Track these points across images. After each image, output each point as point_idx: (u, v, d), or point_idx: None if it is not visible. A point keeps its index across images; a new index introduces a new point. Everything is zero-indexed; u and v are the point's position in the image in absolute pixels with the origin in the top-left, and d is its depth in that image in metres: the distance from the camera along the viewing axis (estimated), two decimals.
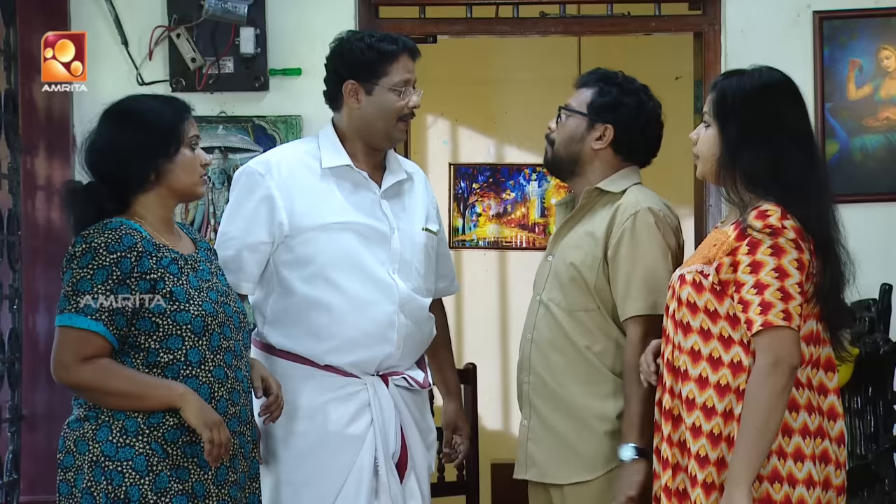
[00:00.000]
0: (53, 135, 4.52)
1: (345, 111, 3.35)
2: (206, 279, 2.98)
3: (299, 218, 3.27)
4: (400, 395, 3.34)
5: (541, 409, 3.29)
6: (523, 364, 3.36)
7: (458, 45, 5.75)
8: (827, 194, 2.80)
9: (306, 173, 3.32)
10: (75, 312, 2.82)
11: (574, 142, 3.32)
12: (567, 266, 3.26)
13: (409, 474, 3.34)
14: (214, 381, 2.90)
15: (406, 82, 3.31)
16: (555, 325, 3.28)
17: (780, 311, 2.66)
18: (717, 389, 2.74)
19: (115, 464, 2.80)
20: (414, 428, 3.37)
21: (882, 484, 4.02)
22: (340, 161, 3.33)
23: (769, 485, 2.70)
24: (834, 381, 2.80)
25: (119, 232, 2.84)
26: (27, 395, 4.44)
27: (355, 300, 3.27)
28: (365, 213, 3.32)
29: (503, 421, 6.80)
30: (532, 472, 3.31)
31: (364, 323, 3.26)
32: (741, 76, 2.86)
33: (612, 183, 3.30)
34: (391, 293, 3.30)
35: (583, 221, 3.32)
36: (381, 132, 3.33)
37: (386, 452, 3.27)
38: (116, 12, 4.49)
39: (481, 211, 7.02)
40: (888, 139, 4.49)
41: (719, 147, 2.83)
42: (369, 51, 3.29)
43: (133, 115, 2.95)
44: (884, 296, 4.14)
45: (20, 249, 4.44)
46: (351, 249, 3.28)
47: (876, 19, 4.49)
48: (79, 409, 2.89)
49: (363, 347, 3.28)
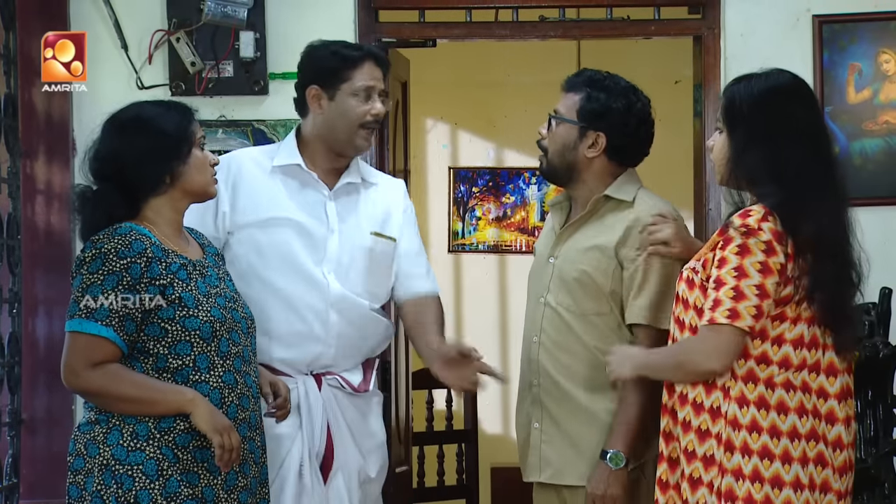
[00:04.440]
0: (53, 139, 4.52)
1: (310, 117, 3.38)
2: (214, 285, 2.99)
3: (240, 213, 3.32)
4: (333, 396, 3.33)
5: (554, 411, 3.30)
6: (531, 366, 3.35)
7: (458, 48, 5.76)
8: (835, 195, 2.80)
9: (255, 170, 3.37)
10: (85, 318, 2.82)
11: (567, 150, 3.33)
12: (579, 272, 3.27)
13: (335, 475, 3.33)
14: (224, 386, 2.90)
15: (369, 88, 3.32)
16: (564, 328, 3.29)
17: (727, 310, 2.70)
18: (705, 386, 2.79)
19: (126, 467, 2.80)
20: (345, 430, 3.35)
21: (882, 488, 4.02)
22: (290, 160, 3.36)
23: (750, 484, 2.72)
24: (836, 387, 2.80)
25: (129, 237, 2.85)
26: (27, 398, 4.44)
27: (285, 297, 3.29)
28: (306, 211, 3.35)
29: (503, 425, 6.80)
30: (547, 473, 3.31)
31: (293, 320, 3.29)
32: (749, 81, 2.87)
33: (619, 190, 3.31)
34: (322, 291, 3.31)
35: (589, 226, 3.33)
36: (342, 138, 3.35)
37: (311, 452, 3.28)
38: (116, 16, 4.49)
39: (481, 214, 7.02)
40: (887, 143, 4.49)
41: (729, 151, 2.85)
42: (332, 57, 3.33)
43: (142, 121, 2.96)
44: (883, 299, 4.14)
45: (20, 253, 4.44)
46: (286, 247, 3.31)
47: (875, 23, 4.49)
48: (89, 412, 2.89)
49: (292, 345, 3.29)
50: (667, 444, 2.86)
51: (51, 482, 4.22)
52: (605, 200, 3.32)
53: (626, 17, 4.68)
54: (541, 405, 3.33)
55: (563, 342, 3.29)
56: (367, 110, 3.32)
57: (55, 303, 4.44)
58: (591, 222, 3.33)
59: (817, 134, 2.83)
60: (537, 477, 3.33)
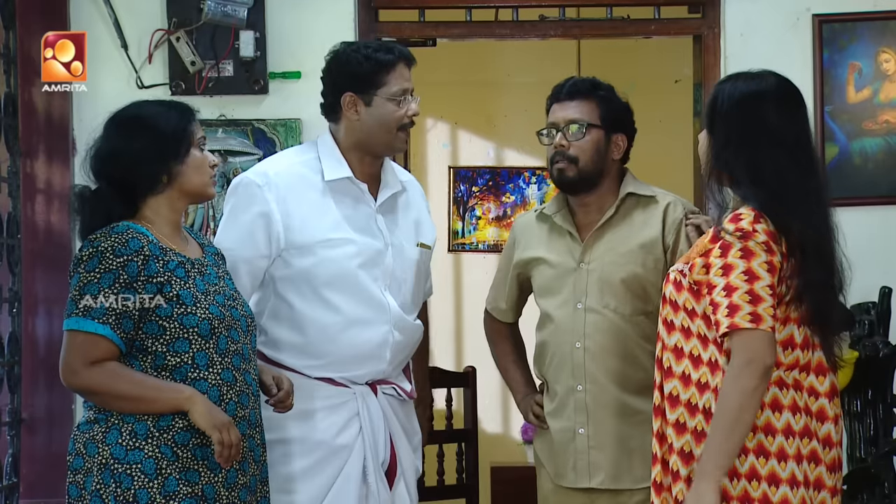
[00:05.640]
0: (53, 138, 4.52)
1: (343, 123, 3.32)
2: (213, 283, 2.98)
3: (297, 233, 3.25)
4: (388, 403, 3.34)
5: (602, 416, 3.32)
6: (575, 372, 3.35)
7: (458, 48, 5.75)
8: (818, 199, 2.81)
9: (305, 187, 3.29)
10: (83, 316, 2.82)
11: (600, 156, 3.39)
12: (627, 274, 3.31)
13: (399, 481, 3.35)
14: (223, 383, 2.90)
15: (404, 91, 3.29)
16: (612, 332, 3.31)
17: (748, 314, 2.68)
18: (698, 387, 2.77)
19: (125, 466, 2.80)
20: (402, 434, 3.38)
21: (882, 487, 4.02)
22: (342, 174, 3.30)
23: (747, 482, 2.72)
24: (825, 385, 2.80)
25: (126, 236, 2.85)
26: (26, 398, 4.44)
27: (351, 320, 3.26)
28: (361, 229, 3.30)
29: (502, 424, 6.80)
30: (598, 479, 3.33)
31: (360, 343, 3.27)
32: (735, 81, 2.88)
33: (639, 187, 3.41)
34: (385, 313, 3.30)
35: (620, 228, 3.37)
36: (381, 143, 3.31)
37: (375, 461, 3.28)
38: (116, 16, 4.49)
39: (481, 214, 7.02)
40: (887, 142, 4.49)
41: (711, 150, 2.85)
42: (366, 62, 3.27)
43: (141, 120, 2.95)
44: (883, 298, 4.14)
45: (19, 253, 4.44)
46: (347, 267, 3.26)
47: (875, 22, 4.49)
48: (89, 411, 2.89)
49: (357, 366, 3.29)
50: (660, 446, 2.86)
51: (50, 481, 4.22)
52: (627, 199, 3.37)
53: (626, 17, 4.68)
54: (586, 410, 3.33)
55: (611, 346, 3.31)
56: (404, 113, 3.29)
57: (55, 302, 4.44)
58: (619, 223, 3.37)
59: (797, 138, 2.82)
60: (587, 482, 3.34)
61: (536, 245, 3.50)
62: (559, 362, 3.39)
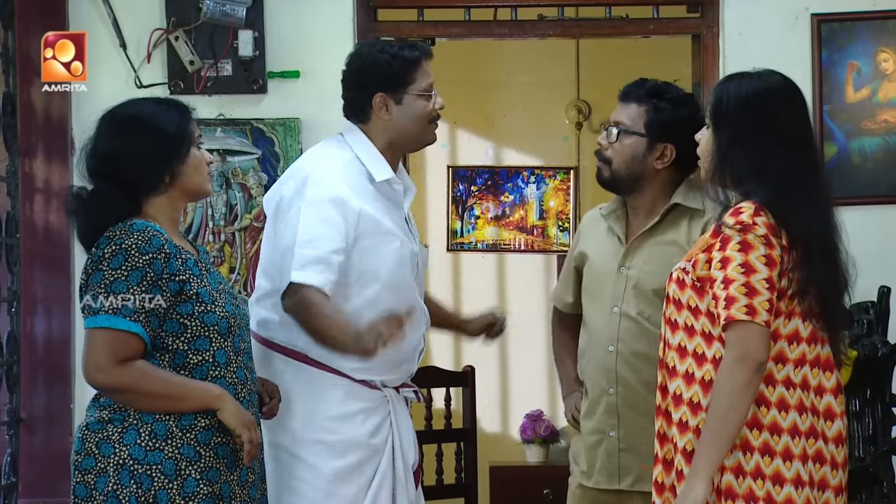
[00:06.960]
0: (52, 138, 4.52)
1: (374, 123, 3.32)
2: (220, 281, 2.99)
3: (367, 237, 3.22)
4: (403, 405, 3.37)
5: (633, 420, 3.33)
6: (608, 375, 3.37)
7: (457, 47, 5.75)
8: (820, 197, 2.81)
9: (364, 191, 3.25)
10: (113, 314, 2.78)
11: (636, 162, 3.36)
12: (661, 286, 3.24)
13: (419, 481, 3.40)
14: (238, 382, 2.91)
15: (430, 85, 3.33)
16: (646, 339, 3.31)
17: (743, 306, 2.68)
18: (702, 385, 2.77)
19: (145, 467, 2.78)
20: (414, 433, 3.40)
21: (881, 486, 4.02)
22: (388, 174, 3.30)
23: (752, 481, 2.72)
24: (832, 381, 2.80)
25: (147, 234, 2.83)
26: (25, 397, 4.44)
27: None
28: (403, 231, 3.32)
29: (501, 423, 6.79)
30: (627, 481, 3.36)
31: (405, 347, 3.28)
32: (739, 80, 2.87)
33: (688, 198, 3.35)
34: (423, 316, 3.35)
35: (663, 237, 3.35)
36: (415, 138, 3.35)
37: (405, 462, 3.31)
38: (115, 15, 4.49)
39: (479, 213, 7.00)
40: (886, 142, 4.49)
41: (714, 148, 2.85)
42: (395, 60, 3.28)
43: (142, 120, 2.93)
44: (882, 298, 4.14)
45: (18, 252, 4.44)
46: (397, 270, 3.27)
47: (874, 22, 4.49)
48: (100, 410, 2.85)
49: (395, 369, 3.31)
50: (661, 446, 2.85)
51: (49, 481, 4.21)
52: (673, 208, 3.34)
53: (624, 16, 4.68)
54: (618, 414, 3.35)
55: (643, 352, 3.32)
56: (433, 107, 3.34)
57: (54, 301, 4.44)
58: (663, 231, 3.36)
59: (803, 137, 2.83)
60: (617, 484, 3.37)
61: (591, 241, 3.51)
62: (594, 364, 3.42)
